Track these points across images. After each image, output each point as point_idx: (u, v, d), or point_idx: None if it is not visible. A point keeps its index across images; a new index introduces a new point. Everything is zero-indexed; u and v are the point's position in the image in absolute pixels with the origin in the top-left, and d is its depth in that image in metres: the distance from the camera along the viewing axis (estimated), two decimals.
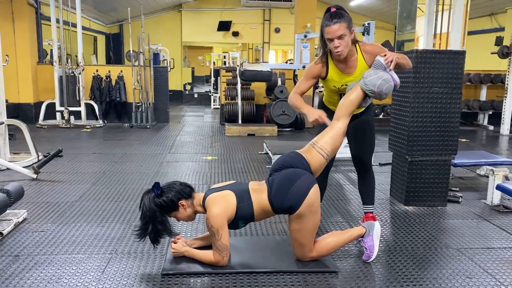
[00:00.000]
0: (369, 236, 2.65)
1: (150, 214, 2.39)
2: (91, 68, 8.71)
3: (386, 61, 2.58)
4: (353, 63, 2.74)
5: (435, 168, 3.68)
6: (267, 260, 2.59)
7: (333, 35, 2.57)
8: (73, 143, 6.53)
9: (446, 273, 2.52)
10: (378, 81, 2.55)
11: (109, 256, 2.67)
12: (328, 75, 2.79)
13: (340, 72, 2.77)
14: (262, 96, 8.88)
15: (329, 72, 2.78)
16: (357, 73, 2.75)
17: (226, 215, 2.40)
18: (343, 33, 2.56)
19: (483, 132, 8.47)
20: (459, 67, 3.59)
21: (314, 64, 2.81)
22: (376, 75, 2.57)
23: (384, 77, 2.56)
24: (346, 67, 2.75)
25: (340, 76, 2.78)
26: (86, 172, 4.73)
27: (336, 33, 2.56)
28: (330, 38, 2.59)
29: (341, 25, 2.54)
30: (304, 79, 2.85)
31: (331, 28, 2.56)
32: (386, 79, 2.56)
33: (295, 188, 2.41)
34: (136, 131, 7.97)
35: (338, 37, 2.56)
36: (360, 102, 2.65)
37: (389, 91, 2.59)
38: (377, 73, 2.58)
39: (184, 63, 18.26)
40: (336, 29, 2.55)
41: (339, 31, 2.55)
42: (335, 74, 2.79)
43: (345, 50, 2.62)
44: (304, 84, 2.85)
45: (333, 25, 2.55)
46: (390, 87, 2.58)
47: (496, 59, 8.53)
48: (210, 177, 4.66)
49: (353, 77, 2.76)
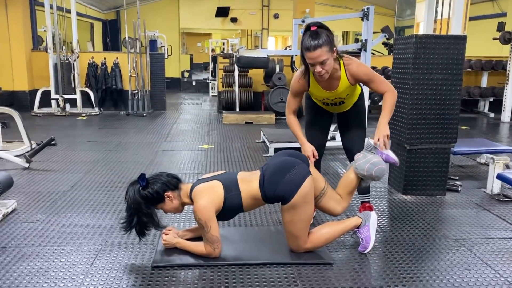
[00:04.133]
0: (365, 226, 2.58)
1: (135, 206, 2.32)
2: (86, 55, 8.57)
3: (376, 143, 2.56)
4: (336, 81, 2.68)
5: (434, 157, 3.60)
6: (260, 252, 2.52)
7: (314, 61, 2.46)
8: (68, 131, 6.44)
9: (444, 264, 2.46)
10: (366, 165, 2.51)
11: (99, 247, 2.60)
12: (309, 89, 2.76)
13: (321, 88, 2.73)
14: (260, 83, 8.76)
15: (310, 87, 2.74)
16: (339, 90, 2.70)
17: (214, 206, 2.33)
18: (326, 58, 2.44)
19: (483, 120, 8.38)
20: (460, 53, 3.48)
21: (297, 81, 2.74)
22: (365, 158, 2.54)
23: (372, 160, 2.51)
24: (328, 84, 2.69)
25: (321, 92, 2.74)
26: (79, 161, 4.65)
27: (317, 60, 2.45)
28: (312, 63, 2.49)
29: (323, 50, 2.41)
30: (291, 96, 2.83)
31: (312, 54, 2.44)
32: (375, 162, 2.51)
33: (290, 176, 2.33)
34: (132, 119, 7.87)
35: (320, 62, 2.46)
36: (359, 182, 2.64)
37: (380, 173, 2.53)
38: (366, 157, 2.55)
39: (182, 50, 18.08)
40: (318, 55, 2.43)
41: (321, 57, 2.43)
42: (316, 90, 2.75)
43: (327, 74, 2.54)
44: (293, 101, 2.83)
45: (313, 51, 2.42)
46: (380, 170, 2.52)
47: (497, 45, 8.39)
48: (206, 166, 4.58)
49: (334, 94, 2.72)
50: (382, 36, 5.73)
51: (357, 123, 2.93)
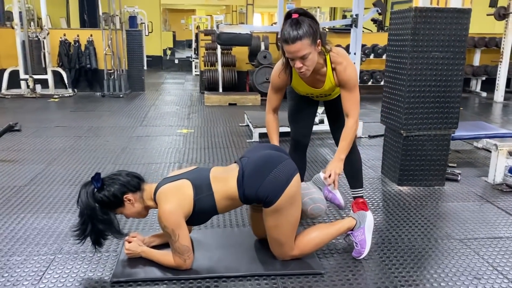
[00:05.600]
0: (360, 229, 2.24)
1: (89, 212, 1.94)
2: (57, 32, 7.99)
3: (326, 179, 2.24)
4: (321, 78, 2.32)
5: (433, 144, 3.27)
6: (239, 261, 2.18)
7: (294, 55, 2.09)
8: (37, 115, 5.96)
9: (449, 272, 2.15)
10: (304, 198, 2.16)
11: (51, 257, 2.23)
12: (292, 83, 2.41)
13: (305, 84, 2.37)
14: (245, 62, 8.30)
15: (293, 82, 2.39)
16: (325, 88, 2.35)
17: (182, 210, 1.96)
18: (307, 52, 2.07)
19: (475, 99, 8.10)
20: (464, 28, 3.12)
21: (277, 75, 2.36)
22: (307, 190, 2.19)
23: (312, 195, 2.18)
24: (313, 81, 2.33)
25: (305, 87, 2.40)
26: (43, 149, 4.22)
27: (297, 54, 2.08)
28: (291, 58, 2.12)
29: (303, 43, 2.04)
30: (272, 91, 2.47)
31: (291, 48, 2.06)
32: (314, 198, 2.17)
33: (275, 174, 1.97)
34: (108, 100, 7.39)
35: (301, 57, 2.09)
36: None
37: (316, 212, 2.19)
38: (309, 189, 2.21)
39: (164, 26, 17.39)
40: (297, 49, 2.05)
41: (301, 51, 2.06)
42: (299, 85, 2.40)
43: (309, 71, 2.18)
44: (273, 97, 2.48)
45: (292, 44, 2.04)
46: (317, 208, 2.18)
47: (491, 22, 8.04)
48: (184, 154, 4.19)
49: (321, 91, 2.38)
50: (374, 11, 5.33)
51: None
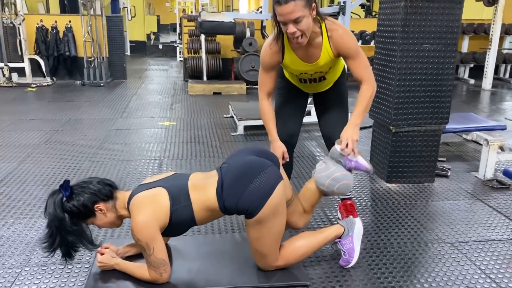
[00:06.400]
0: (348, 237, 2.12)
1: (57, 223, 1.79)
2: (34, 18, 7.66)
3: (343, 150, 2.07)
4: (316, 50, 2.13)
5: (423, 140, 3.16)
6: (221, 272, 2.04)
7: (286, 18, 1.91)
8: (12, 106, 5.70)
9: (441, 281, 2.04)
10: (327, 181, 2.06)
11: (18, 270, 2.07)
12: (283, 61, 2.20)
13: (298, 59, 2.17)
14: (229, 49, 8.08)
15: (285, 58, 2.18)
16: (320, 63, 2.16)
17: (157, 222, 1.81)
18: (301, 15, 1.89)
19: (463, 87, 8.02)
20: (456, 19, 2.98)
21: (268, 47, 2.16)
22: (327, 171, 2.08)
23: (334, 175, 2.06)
24: (307, 54, 2.14)
25: (298, 64, 2.19)
26: (16, 145, 4.01)
27: (290, 16, 1.89)
28: (283, 21, 1.94)
29: (297, 4, 1.87)
30: (263, 71, 2.25)
31: (283, 9, 1.89)
32: (337, 178, 2.05)
33: (256, 184, 1.83)
34: (88, 89, 7.13)
35: (294, 20, 1.90)
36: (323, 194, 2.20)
37: (344, 190, 2.11)
38: (328, 169, 2.08)
39: (148, 10, 16.93)
40: (290, 10, 1.88)
41: (295, 12, 1.88)
42: (292, 61, 2.19)
43: (305, 38, 2.00)
44: (266, 78, 2.24)
45: (285, 4, 1.87)
46: (344, 185, 2.08)
47: (479, 7, 7.92)
48: (165, 149, 4.02)
49: (315, 67, 2.18)
50: None
51: (338, 105, 2.41)
